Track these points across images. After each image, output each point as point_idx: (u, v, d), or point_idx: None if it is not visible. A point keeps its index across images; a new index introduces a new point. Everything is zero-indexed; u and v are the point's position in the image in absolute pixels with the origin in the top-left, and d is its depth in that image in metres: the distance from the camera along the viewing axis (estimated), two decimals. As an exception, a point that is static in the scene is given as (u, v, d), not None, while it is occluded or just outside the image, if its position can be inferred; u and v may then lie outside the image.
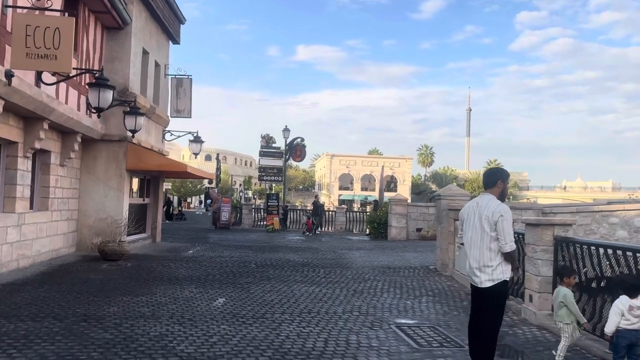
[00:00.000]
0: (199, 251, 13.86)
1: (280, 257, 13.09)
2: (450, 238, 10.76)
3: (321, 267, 11.42)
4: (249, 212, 27.48)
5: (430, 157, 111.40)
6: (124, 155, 12.58)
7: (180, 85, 15.78)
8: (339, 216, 26.22)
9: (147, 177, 15.16)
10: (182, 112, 15.74)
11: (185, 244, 15.66)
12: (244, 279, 9.36)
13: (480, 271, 4.28)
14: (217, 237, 19.69)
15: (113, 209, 12.40)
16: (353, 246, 16.88)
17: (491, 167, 4.91)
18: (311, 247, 16.05)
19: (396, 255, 13.78)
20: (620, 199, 32.46)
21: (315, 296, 7.95)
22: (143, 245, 14.48)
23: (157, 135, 15.15)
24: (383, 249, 15.81)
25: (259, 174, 25.92)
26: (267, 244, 17.11)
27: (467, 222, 4.48)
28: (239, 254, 13.48)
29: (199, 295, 7.63)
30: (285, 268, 10.99)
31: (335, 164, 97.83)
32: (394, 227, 19.27)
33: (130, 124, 11.48)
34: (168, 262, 11.20)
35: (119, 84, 12.51)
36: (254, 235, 21.05)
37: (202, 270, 10.16)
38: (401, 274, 10.68)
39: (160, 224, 15.98)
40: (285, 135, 25.84)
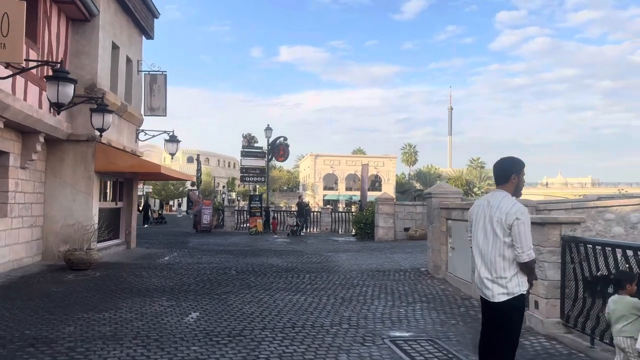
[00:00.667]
0: (176, 257, 13.04)
1: (262, 261, 12.34)
2: (442, 239, 10.14)
3: (306, 272, 10.71)
4: (232, 214, 26.62)
5: (414, 156, 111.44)
6: (92, 156, 11.72)
7: (154, 82, 14.93)
8: (324, 217, 25.52)
9: (119, 180, 14.28)
10: (157, 111, 14.89)
11: (162, 250, 14.80)
12: (222, 288, 8.60)
13: (493, 283, 3.61)
14: (197, 241, 18.84)
15: (81, 214, 11.53)
16: (339, 248, 16.20)
17: (502, 158, 4.12)
18: (295, 250, 15.33)
19: (385, 257, 13.13)
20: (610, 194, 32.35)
21: (300, 306, 7.23)
22: (116, 252, 13.60)
23: (129, 135, 14.28)
24: (370, 250, 15.15)
25: (241, 175, 25.11)
26: (249, 247, 16.34)
27: (477, 224, 3.80)
28: (218, 259, 12.69)
29: (170, 309, 6.86)
30: (267, 274, 10.25)
31: (320, 164, 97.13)
32: (381, 227, 18.63)
33: (98, 122, 10.64)
34: (140, 271, 10.38)
35: (86, 80, 11.67)
36: (236, 239, 20.24)
37: (177, 280, 9.37)
38: (391, 278, 10.02)
39: (135, 229, 15.10)
40: (268, 135, 25.07)
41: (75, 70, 11.66)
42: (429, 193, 10.53)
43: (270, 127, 25.08)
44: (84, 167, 11.67)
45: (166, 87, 14.98)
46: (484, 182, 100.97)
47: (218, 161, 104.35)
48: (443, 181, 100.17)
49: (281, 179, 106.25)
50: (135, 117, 14.44)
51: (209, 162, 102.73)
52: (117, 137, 13.16)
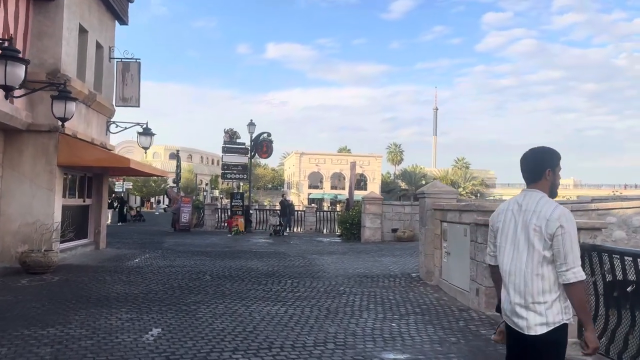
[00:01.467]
0: (148, 259, 12.06)
1: (241, 265, 11.43)
2: (436, 242, 9.34)
3: (288, 277, 9.83)
4: (212, 212, 25.61)
5: (399, 155, 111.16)
6: (55, 149, 10.68)
7: (127, 70, 13.90)
8: (308, 216, 24.65)
9: (87, 175, 13.23)
10: (129, 101, 13.86)
11: (134, 251, 13.79)
12: (192, 297, 7.68)
13: (528, 310, 2.77)
14: (174, 241, 17.83)
15: (42, 212, 10.49)
16: (324, 250, 15.35)
17: (533, 148, 3.13)
18: (278, 252, 14.43)
19: (373, 261, 12.31)
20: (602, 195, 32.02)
21: (279, 320, 6.36)
22: (83, 253, 12.57)
23: (99, 126, 13.24)
24: (357, 252, 14.33)
25: (222, 172, 24.09)
26: (229, 248, 15.40)
27: (503, 233, 2.96)
28: (193, 262, 11.75)
29: (128, 324, 5.93)
30: (245, 280, 9.35)
31: (305, 162, 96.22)
32: (368, 227, 17.83)
33: (59, 110, 9.62)
34: (105, 275, 9.40)
35: (49, 65, 10.63)
36: (215, 239, 19.27)
37: (143, 286, 8.42)
38: (380, 285, 9.20)
39: (104, 227, 14.06)
40: (251, 130, 24.07)
41: (37, 54, 10.65)
42: (422, 193, 9.73)
43: (253, 123, 24.09)
44: (45, 160, 10.63)
45: (139, 76, 13.96)
46: (468, 182, 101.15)
47: (201, 158, 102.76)
48: (428, 181, 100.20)
49: (265, 177, 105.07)
50: (106, 108, 13.40)
51: (191, 158, 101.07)
52: (84, 129, 12.12)
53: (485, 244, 7.50)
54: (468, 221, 7.77)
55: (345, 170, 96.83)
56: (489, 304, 7.12)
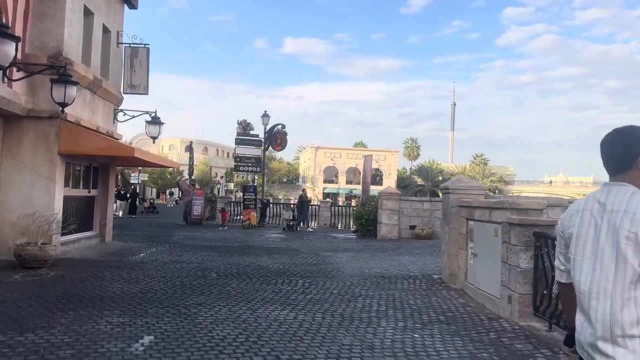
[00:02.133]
0: (153, 254, 11.49)
1: (250, 262, 10.79)
2: (461, 242, 8.57)
3: (300, 276, 9.16)
4: (225, 205, 25.03)
5: (416, 150, 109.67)
6: (56, 136, 10.14)
7: (136, 56, 13.31)
8: (323, 211, 23.97)
9: (93, 165, 12.70)
10: (137, 88, 13.28)
11: (140, 244, 13.25)
12: (194, 297, 7.05)
13: (615, 345, 2.02)
14: (184, 234, 17.30)
15: (42, 203, 9.96)
16: (339, 246, 14.65)
17: (618, 129, 2.30)
18: (290, 248, 13.78)
19: (390, 260, 11.58)
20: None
21: (287, 327, 5.68)
22: (87, 246, 12.05)
23: (106, 114, 12.69)
24: (373, 250, 13.60)
25: (235, 164, 23.51)
26: (239, 243, 14.79)
27: (579, 241, 2.19)
28: (201, 257, 11.14)
29: (118, 329, 5.30)
30: (253, 279, 8.70)
31: (320, 156, 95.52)
32: (385, 224, 17.07)
33: (59, 95, 9.04)
34: (104, 271, 8.82)
35: (51, 47, 10.07)
36: (227, 233, 18.70)
37: (143, 284, 7.81)
38: (399, 287, 8.47)
39: (111, 220, 13.53)
40: (265, 122, 23.44)
41: (39, 36, 10.11)
42: (446, 188, 8.94)
43: (267, 114, 23.45)
44: (46, 148, 10.10)
45: (148, 62, 13.36)
46: (487, 178, 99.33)
47: (217, 151, 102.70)
48: (445, 177, 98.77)
49: (280, 171, 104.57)
50: (113, 95, 12.83)
51: (207, 151, 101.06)
52: (89, 116, 11.57)
53: (520, 246, 6.75)
54: (499, 220, 7.00)
55: (360, 165, 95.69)
56: (522, 314, 6.37)
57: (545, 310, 6.11)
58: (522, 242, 6.39)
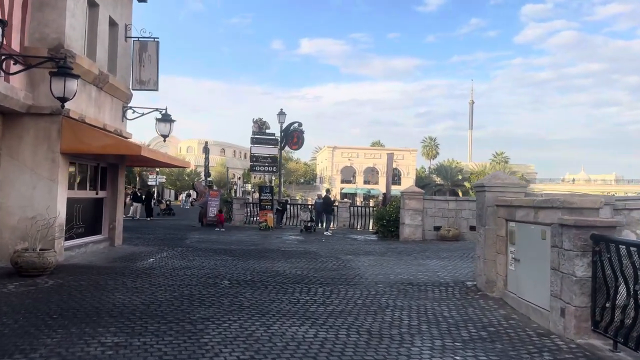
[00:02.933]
0: (164, 259, 10.80)
1: (266, 267, 10.03)
2: (499, 245, 7.67)
3: (319, 283, 8.36)
4: (241, 207, 24.39)
5: (434, 149, 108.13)
6: (58, 134, 9.50)
7: (144, 51, 12.67)
8: (342, 211, 23.13)
9: (101, 165, 12.09)
10: (147, 84, 12.64)
11: (151, 248, 12.60)
12: (202, 310, 6.29)
13: None
14: (198, 237, 16.64)
15: (43, 205, 9.33)
16: (359, 249, 13.81)
17: None
18: (309, 252, 12.98)
19: (417, 264, 10.70)
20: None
21: (307, 349, 4.88)
22: (94, 250, 11.42)
23: (113, 111, 12.06)
24: (397, 253, 12.73)
25: (251, 164, 22.83)
26: (255, 246, 14.05)
27: None
28: (213, 263, 10.41)
29: (110, 352, 4.56)
30: (269, 287, 7.92)
31: (337, 156, 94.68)
32: (408, 225, 16.18)
33: (58, 89, 8.38)
34: (108, 279, 8.14)
35: (51, 39, 9.45)
36: (243, 235, 17.99)
37: (148, 295, 7.09)
38: (431, 296, 7.61)
39: (120, 222, 12.90)
40: (281, 120, 22.71)
41: (38, 27, 9.49)
42: (481, 185, 8.04)
43: (283, 112, 22.72)
44: (47, 146, 9.47)
45: (158, 56, 12.71)
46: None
47: (234, 152, 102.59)
48: (465, 176, 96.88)
49: (298, 172, 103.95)
50: (121, 91, 12.19)
51: (224, 152, 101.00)
52: (95, 114, 10.94)
53: (575, 251, 5.80)
54: (548, 221, 6.10)
55: (378, 165, 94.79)
56: (579, 330, 5.47)
57: (607, 326, 5.21)
58: (578, 246, 5.49)
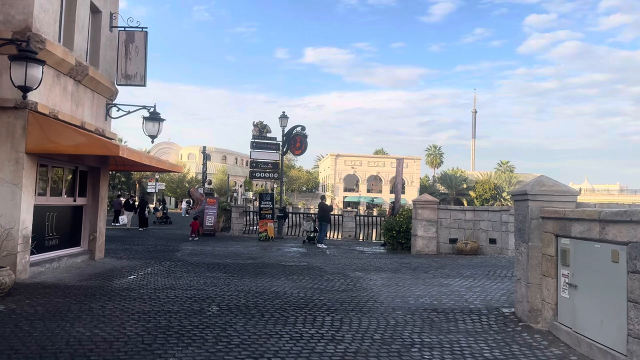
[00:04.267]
0: (147, 276, 9.43)
1: (264, 287, 8.66)
2: (547, 267, 6.30)
3: (326, 309, 6.98)
4: (240, 215, 23.04)
5: (439, 158, 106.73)
6: (23, 131, 8.20)
7: (131, 41, 11.39)
8: (347, 221, 21.75)
9: (80, 168, 10.76)
10: (133, 78, 11.34)
11: (136, 263, 11.24)
12: (178, 351, 4.91)
13: None
14: (191, 248, 15.29)
15: (6, 214, 8.00)
16: (369, 264, 12.42)
17: None
18: (312, 267, 11.60)
19: (437, 284, 9.30)
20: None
21: (313, 417, 3.50)
22: (70, 265, 10.07)
23: (95, 109, 10.76)
24: (412, 269, 11.33)
25: (250, 170, 21.48)
26: (253, 260, 12.68)
27: None
28: (203, 281, 9.05)
29: None
30: (266, 315, 6.55)
31: (340, 164, 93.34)
32: (420, 237, 14.79)
33: (18, 76, 7.10)
34: (73, 304, 6.78)
35: (17, 22, 8.17)
36: (240, 246, 16.62)
37: (115, 326, 5.71)
38: (462, 328, 6.23)
39: (102, 233, 11.56)
40: (283, 124, 21.40)
41: (3, 8, 8.20)
42: (523, 193, 6.67)
43: (285, 115, 21.41)
44: (10, 145, 8.16)
45: (146, 48, 11.43)
46: (513, 186, 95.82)
47: (236, 159, 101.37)
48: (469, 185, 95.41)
49: (300, 179, 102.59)
50: (103, 86, 10.90)
51: (226, 160, 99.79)
52: (71, 110, 9.64)
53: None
54: (623, 239, 4.74)
55: (382, 173, 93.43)
56: (677, 387, 4.09)
57: None
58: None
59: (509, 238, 13.38)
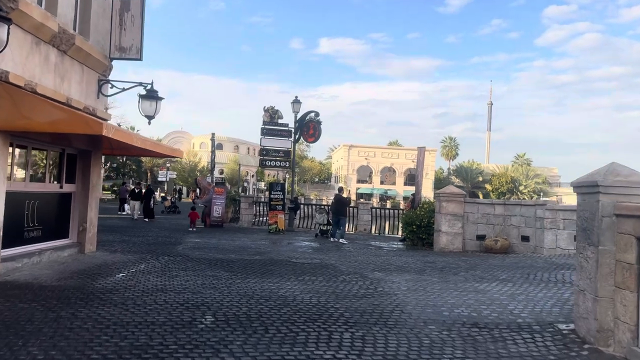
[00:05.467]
0: (138, 274, 8.28)
1: (271, 290, 7.46)
2: (624, 277, 4.98)
3: (344, 322, 5.76)
4: (249, 206, 21.90)
5: (454, 149, 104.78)
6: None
7: (126, 10, 10.18)
8: (362, 214, 20.50)
9: (67, 151, 9.63)
10: (128, 51, 10.15)
11: (131, 257, 10.11)
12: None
13: None
14: (196, 241, 14.17)
15: (-29, 201, 6.89)
16: (389, 262, 11.17)
17: None
18: (326, 265, 10.39)
19: (472, 290, 8.01)
20: None
21: None
22: (53, 260, 8.97)
23: (84, 84, 9.59)
24: (439, 270, 10.06)
25: (261, 158, 20.30)
26: (260, 256, 11.51)
27: None
28: (201, 282, 7.87)
29: None
30: (271, 331, 5.34)
31: (354, 155, 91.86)
32: (445, 232, 13.49)
33: (-23, 36, 5.91)
34: (38, 311, 5.63)
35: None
36: (248, 239, 15.47)
37: (80, 345, 4.54)
38: (514, 351, 4.96)
39: (94, 224, 10.44)
40: (295, 109, 20.14)
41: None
42: (593, 184, 5.33)
43: (298, 100, 20.15)
44: (-23, 122, 7.02)
45: (143, 17, 10.22)
46: (531, 180, 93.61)
47: (248, 149, 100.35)
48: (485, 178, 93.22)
49: (312, 170, 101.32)
50: (94, 59, 9.72)
51: (238, 149, 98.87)
52: (55, 84, 8.48)
53: None
54: None
55: (396, 164, 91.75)
56: None
57: None
58: None
59: (544, 235, 12.03)
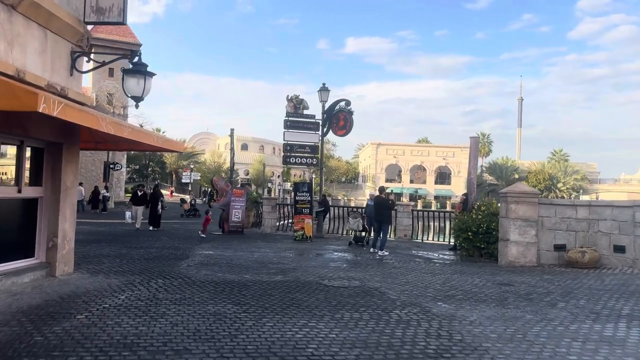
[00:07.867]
0: (109, 312, 5.89)
1: (294, 342, 4.97)
2: None
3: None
4: (272, 209, 19.50)
5: (487, 146, 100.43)
6: None
7: (104, -40, 7.83)
8: (402, 217, 17.84)
9: (26, 143, 7.35)
10: (107, 13, 7.80)
11: (115, 280, 7.76)
12: None
13: None
14: (207, 253, 11.83)
15: None
16: (451, 284, 8.53)
17: None
18: (368, 290, 7.82)
19: (595, 335, 5.33)
20: None
21: None
22: (6, 289, 6.67)
23: (49, 55, 7.29)
24: (526, 298, 7.37)
25: (284, 155, 17.84)
26: (283, 275, 9.03)
27: None
28: (194, 327, 5.43)
29: None
30: None
31: (382, 153, 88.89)
32: (514, 242, 10.76)
33: None
34: None
35: None
36: (270, 250, 13.04)
37: None
38: None
39: (70, 238, 8.14)
40: (323, 98, 17.62)
41: None
42: None
43: (326, 87, 17.63)
44: None
45: (126, -31, 7.85)
46: (569, 176, 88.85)
47: (273, 149, 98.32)
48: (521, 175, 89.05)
49: (339, 170, 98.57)
50: (60, 22, 7.39)
51: (263, 149, 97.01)
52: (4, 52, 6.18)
53: None
54: None
55: (426, 162, 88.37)
56: None
57: None
58: None
59: (649, 246, 9.23)
